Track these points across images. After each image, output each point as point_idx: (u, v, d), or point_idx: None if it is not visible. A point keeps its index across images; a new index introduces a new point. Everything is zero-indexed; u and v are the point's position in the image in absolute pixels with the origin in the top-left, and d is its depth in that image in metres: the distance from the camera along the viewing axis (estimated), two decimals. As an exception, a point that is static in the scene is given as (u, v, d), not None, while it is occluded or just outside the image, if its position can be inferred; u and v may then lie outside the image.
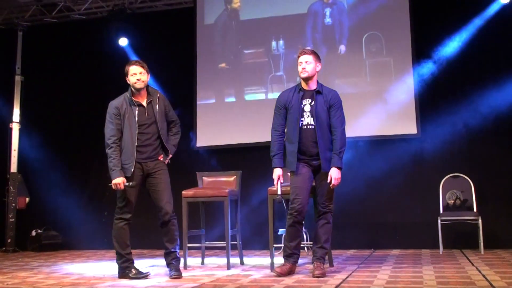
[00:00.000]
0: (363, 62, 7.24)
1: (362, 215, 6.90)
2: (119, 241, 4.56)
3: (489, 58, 6.75)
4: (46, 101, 8.30)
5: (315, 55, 4.60)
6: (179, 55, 7.75)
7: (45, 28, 8.43)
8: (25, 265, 5.82)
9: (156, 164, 4.62)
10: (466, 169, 6.48)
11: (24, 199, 7.94)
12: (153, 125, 4.60)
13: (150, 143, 4.59)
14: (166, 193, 4.58)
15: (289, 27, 7.56)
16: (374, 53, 7.21)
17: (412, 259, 5.50)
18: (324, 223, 4.57)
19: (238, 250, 5.48)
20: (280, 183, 4.55)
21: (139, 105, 4.60)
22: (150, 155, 4.60)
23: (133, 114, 4.56)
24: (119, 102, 4.62)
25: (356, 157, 6.75)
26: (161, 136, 4.63)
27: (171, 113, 4.81)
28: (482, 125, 6.56)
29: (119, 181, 4.46)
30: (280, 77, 7.54)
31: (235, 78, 7.69)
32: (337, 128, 4.50)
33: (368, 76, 7.20)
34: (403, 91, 6.94)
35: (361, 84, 7.19)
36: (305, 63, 4.54)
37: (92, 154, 7.97)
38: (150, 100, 4.65)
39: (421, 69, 6.91)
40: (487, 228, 6.10)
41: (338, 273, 4.54)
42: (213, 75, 7.72)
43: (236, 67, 7.72)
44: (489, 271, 4.39)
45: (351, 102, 6.57)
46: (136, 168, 4.53)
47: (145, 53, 7.71)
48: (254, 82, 7.60)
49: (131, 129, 4.53)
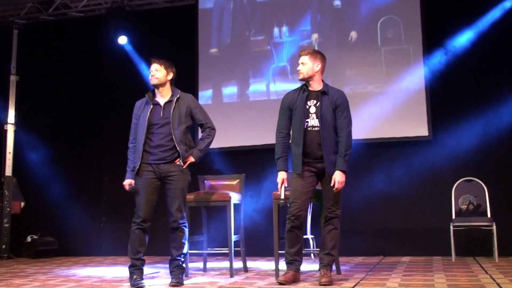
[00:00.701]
0: (378, 49, 6.96)
1: (370, 221, 6.81)
2: (131, 245, 4.47)
3: (506, 53, 6.58)
4: (42, 102, 8.23)
5: (313, 54, 4.51)
6: (180, 54, 7.58)
7: (41, 26, 8.37)
8: (20, 272, 5.75)
9: (170, 168, 4.48)
10: (480, 172, 6.35)
11: (19, 203, 7.84)
12: (167, 125, 4.48)
13: (162, 144, 4.46)
14: (177, 200, 4.48)
15: (293, 12, 7.27)
16: (391, 40, 6.92)
17: (423, 266, 5.44)
18: (331, 229, 4.49)
19: (242, 256, 5.41)
20: (284, 187, 4.48)
21: (155, 104, 4.55)
22: (162, 157, 4.47)
23: (146, 113, 4.50)
24: (140, 101, 4.65)
25: (364, 160, 6.66)
26: (174, 137, 4.46)
27: (199, 116, 4.65)
28: (497, 126, 6.45)
29: (125, 182, 4.50)
30: (283, 68, 7.28)
31: (235, 70, 7.48)
32: (343, 130, 4.42)
33: (384, 66, 6.90)
34: (415, 83, 6.72)
35: (376, 74, 6.92)
36: (301, 64, 4.50)
37: (90, 157, 7.95)
38: (170, 99, 4.55)
39: (433, 59, 6.75)
40: (502, 234, 5.97)
41: (346, 281, 4.50)
42: (214, 73, 7.58)
43: (237, 58, 7.48)
44: (503, 279, 4.32)
45: (360, 100, 6.36)
46: (146, 170, 4.45)
47: (145, 51, 7.68)
48: (254, 74, 7.35)
49: (142, 128, 4.49)
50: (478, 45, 6.61)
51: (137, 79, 7.57)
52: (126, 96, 7.69)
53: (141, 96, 4.70)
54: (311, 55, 4.48)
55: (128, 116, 4.69)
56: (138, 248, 4.43)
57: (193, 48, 7.69)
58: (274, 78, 7.30)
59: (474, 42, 6.63)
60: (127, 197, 5.96)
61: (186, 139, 4.54)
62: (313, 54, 4.50)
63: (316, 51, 4.59)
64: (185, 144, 4.52)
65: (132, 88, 7.61)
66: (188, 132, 4.60)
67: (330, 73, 6.76)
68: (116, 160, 7.70)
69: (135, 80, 7.61)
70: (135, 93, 7.25)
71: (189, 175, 4.60)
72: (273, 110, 4.97)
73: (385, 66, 6.96)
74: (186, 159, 4.51)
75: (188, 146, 4.55)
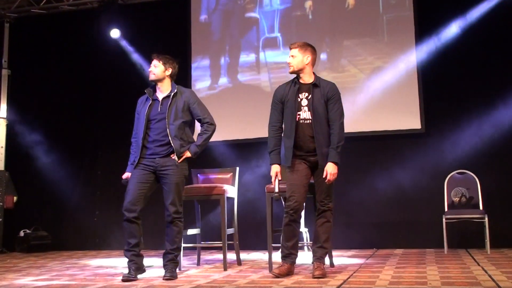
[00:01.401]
0: (379, 17, 6.79)
1: (363, 213, 6.80)
2: (124, 237, 4.49)
3: (500, 45, 6.56)
4: (34, 96, 8.18)
5: (302, 47, 4.49)
6: (173, 47, 7.52)
7: (33, 19, 8.30)
8: (13, 267, 5.72)
9: (166, 162, 4.50)
10: (472, 165, 6.35)
11: (12, 198, 7.79)
12: (163, 120, 4.52)
13: (157, 139, 4.51)
14: (171, 195, 4.50)
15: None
16: (394, 6, 6.76)
17: (416, 258, 5.44)
18: (324, 222, 4.47)
19: (235, 250, 5.39)
20: (278, 180, 4.46)
21: (154, 99, 4.61)
22: (156, 151, 4.51)
23: (145, 109, 4.57)
24: (143, 97, 4.70)
25: (357, 154, 6.65)
26: (169, 132, 4.49)
27: (197, 111, 4.66)
28: (490, 119, 6.43)
29: (123, 175, 4.60)
30: (274, 39, 7.10)
31: (227, 54, 7.37)
32: (335, 122, 4.41)
33: (386, 36, 6.75)
34: (408, 75, 6.66)
35: (378, 46, 6.76)
36: (291, 57, 4.49)
37: (83, 151, 7.90)
38: (169, 95, 4.59)
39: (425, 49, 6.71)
40: (494, 226, 5.99)
41: (339, 273, 4.48)
42: (207, 65, 7.51)
43: (224, 31, 7.34)
44: (495, 271, 4.33)
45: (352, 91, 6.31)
46: (141, 163, 4.51)
47: (138, 45, 7.63)
48: (244, 47, 7.19)
49: (141, 123, 4.56)
50: (471, 36, 6.57)
51: (130, 72, 7.54)
52: (118, 90, 7.70)
53: (133, 89, 4.73)
54: (301, 48, 4.47)
55: (121, 110, 4.72)
56: (127, 239, 4.43)
57: (186, 40, 7.63)
58: (265, 52, 7.10)
59: (467, 33, 6.59)
60: (120, 191, 5.95)
61: (182, 134, 4.55)
62: (302, 46, 4.49)
63: (306, 43, 4.55)
64: (181, 139, 4.53)
65: (124, 82, 7.61)
66: (186, 127, 4.60)
67: (327, 44, 6.72)
68: (109, 154, 7.68)
69: (127, 73, 7.58)
70: (128, 87, 7.34)
71: (185, 170, 4.61)
72: (266, 105, 4.94)
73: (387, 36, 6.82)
74: (181, 154, 4.51)
75: (185, 141, 4.56)
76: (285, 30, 7.07)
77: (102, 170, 7.79)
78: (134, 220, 4.42)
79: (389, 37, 6.81)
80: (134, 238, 4.44)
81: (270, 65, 7.13)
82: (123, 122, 5.72)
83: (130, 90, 6.40)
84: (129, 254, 4.44)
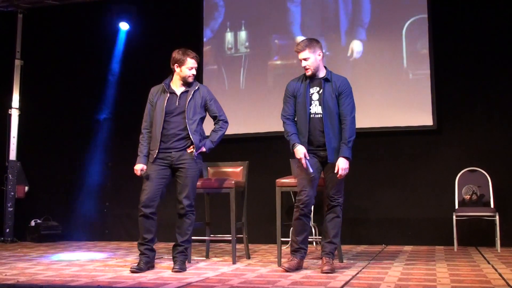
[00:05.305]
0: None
1: (373, 209, 6.76)
2: (139, 231, 4.54)
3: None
4: (46, 87, 8.16)
5: (310, 46, 4.42)
6: (184, 38, 7.49)
7: (46, 10, 8.25)
8: (24, 256, 5.76)
9: (181, 156, 4.56)
10: (484, 163, 6.29)
11: (23, 187, 7.84)
12: (181, 114, 4.57)
13: (175, 133, 4.56)
14: (186, 188, 4.56)
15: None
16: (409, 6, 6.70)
17: (425, 255, 5.42)
18: (333, 217, 4.48)
19: (244, 243, 5.41)
20: (307, 160, 4.32)
21: (171, 93, 4.63)
22: (173, 145, 4.56)
23: (163, 101, 4.58)
24: (156, 88, 4.72)
25: (368, 149, 6.62)
26: (188, 127, 4.54)
27: (213, 108, 4.75)
28: (502, 117, 6.39)
29: (137, 167, 4.57)
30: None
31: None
32: (346, 116, 4.39)
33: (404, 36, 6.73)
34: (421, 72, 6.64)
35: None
36: (304, 61, 4.42)
37: (95, 142, 7.85)
38: (187, 90, 4.62)
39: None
40: (505, 224, 5.95)
41: (348, 269, 4.48)
42: (220, 60, 7.48)
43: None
44: (505, 270, 4.30)
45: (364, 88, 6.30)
46: (159, 158, 4.54)
47: (148, 37, 7.58)
48: None
49: (159, 116, 4.57)
50: (485, 32, 6.51)
51: (141, 63, 7.54)
52: (129, 80, 7.69)
53: (144, 80, 4.69)
54: (309, 48, 4.41)
55: (132, 100, 4.69)
56: (143, 234, 4.50)
57: (198, 31, 7.58)
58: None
59: (481, 29, 6.52)
60: (130, 182, 5.97)
61: (200, 129, 4.65)
62: (310, 46, 4.42)
63: (309, 41, 4.47)
64: (200, 135, 4.62)
65: (136, 73, 7.60)
66: (201, 122, 4.69)
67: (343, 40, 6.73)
68: (119, 145, 7.68)
69: (139, 64, 7.58)
70: (139, 78, 7.33)
71: (201, 164, 4.70)
72: (274, 101, 4.94)
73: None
74: (199, 148, 4.58)
75: (202, 137, 4.65)
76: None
77: (112, 161, 7.81)
78: (151, 215, 4.49)
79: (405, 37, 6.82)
80: (150, 233, 4.50)
81: (281, 54, 7.15)
82: (134, 113, 5.72)
83: (141, 81, 6.41)
84: (143, 248, 4.50)
